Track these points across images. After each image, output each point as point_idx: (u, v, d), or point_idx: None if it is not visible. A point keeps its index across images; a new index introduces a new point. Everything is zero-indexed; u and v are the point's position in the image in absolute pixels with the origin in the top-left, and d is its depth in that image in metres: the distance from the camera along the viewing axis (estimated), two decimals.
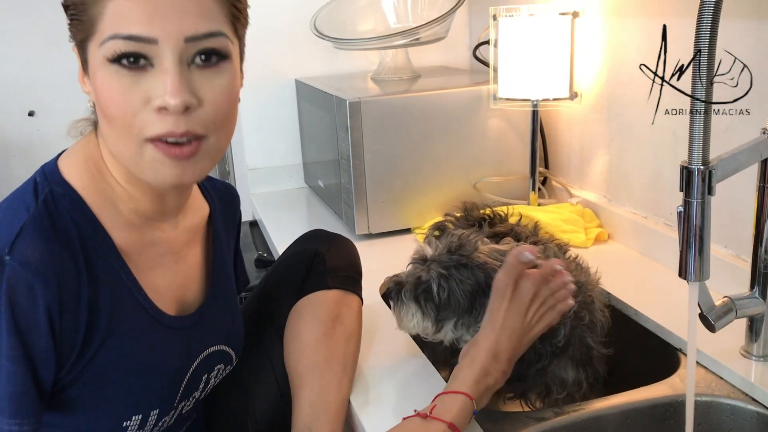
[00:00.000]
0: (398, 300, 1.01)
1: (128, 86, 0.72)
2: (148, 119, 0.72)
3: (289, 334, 1.03)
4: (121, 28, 0.70)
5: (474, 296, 0.97)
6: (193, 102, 0.73)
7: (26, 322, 0.70)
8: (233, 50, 0.77)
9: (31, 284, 0.70)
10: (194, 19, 0.72)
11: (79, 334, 0.75)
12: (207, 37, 0.73)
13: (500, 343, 0.89)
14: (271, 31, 1.95)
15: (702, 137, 0.78)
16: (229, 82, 0.76)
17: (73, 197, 0.78)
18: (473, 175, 1.65)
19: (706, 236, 0.82)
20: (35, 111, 3.33)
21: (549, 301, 0.92)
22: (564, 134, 1.68)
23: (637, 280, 1.30)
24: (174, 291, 0.88)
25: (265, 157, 2.06)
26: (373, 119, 1.54)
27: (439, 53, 2.10)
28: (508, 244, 1.03)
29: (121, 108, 0.72)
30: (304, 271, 1.06)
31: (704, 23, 0.74)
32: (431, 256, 1.00)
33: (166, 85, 0.71)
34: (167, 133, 0.72)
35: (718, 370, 1.00)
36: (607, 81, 1.49)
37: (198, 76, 0.74)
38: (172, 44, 0.71)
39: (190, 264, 0.91)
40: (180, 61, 0.72)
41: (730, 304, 0.94)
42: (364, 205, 1.58)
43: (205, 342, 0.92)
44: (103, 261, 0.78)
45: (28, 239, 0.72)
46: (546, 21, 1.48)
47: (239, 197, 1.07)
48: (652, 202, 1.40)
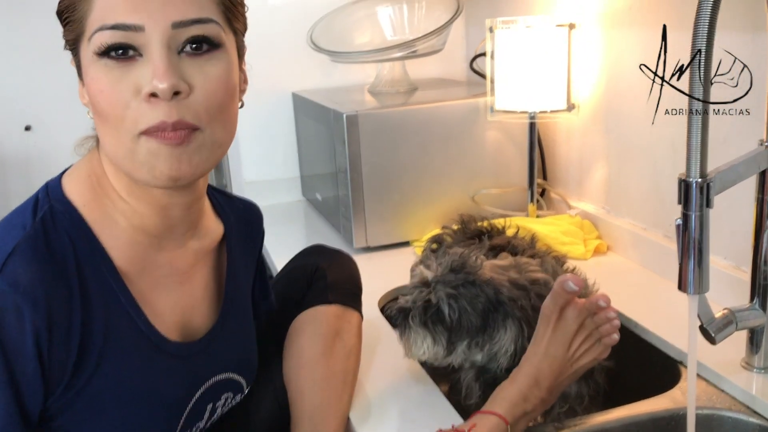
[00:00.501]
0: (405, 327, 0.98)
1: (118, 78, 0.70)
2: (139, 111, 0.70)
3: (288, 350, 1.02)
4: (107, 19, 0.69)
5: (486, 313, 0.95)
6: (183, 86, 0.70)
7: (13, 345, 0.68)
8: (226, 40, 0.75)
9: (19, 306, 0.68)
10: (181, 5, 0.70)
11: (70, 360, 0.72)
12: (195, 23, 0.71)
13: (542, 369, 0.88)
14: (268, 45, 1.96)
15: (699, 149, 0.78)
16: (223, 71, 0.74)
17: (73, 215, 0.76)
18: (471, 187, 1.65)
19: (705, 249, 0.82)
20: (32, 125, 3.33)
21: (594, 334, 0.89)
22: (562, 146, 1.69)
23: (636, 292, 1.30)
24: (178, 314, 0.84)
25: (262, 171, 2.06)
26: (370, 132, 1.54)
27: (436, 65, 2.10)
28: (506, 259, 1.03)
29: (111, 100, 0.71)
30: (304, 286, 1.06)
31: (702, 23, 0.74)
32: (433, 278, 0.98)
33: (154, 70, 0.69)
34: (160, 123, 0.70)
35: (719, 383, 1.00)
36: (605, 92, 1.49)
37: (188, 64, 0.72)
38: (160, 30, 0.69)
39: (196, 286, 0.88)
40: (168, 47, 0.70)
41: (730, 316, 0.94)
42: (362, 218, 1.58)
43: (212, 370, 0.88)
44: (100, 282, 0.75)
45: (20, 259, 0.70)
46: (543, 33, 1.48)
47: (262, 216, 1.03)
48: (652, 213, 1.40)
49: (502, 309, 0.95)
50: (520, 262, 1.02)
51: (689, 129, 0.77)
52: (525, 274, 1.00)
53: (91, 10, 0.71)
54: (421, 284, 0.99)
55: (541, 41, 1.48)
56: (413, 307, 0.98)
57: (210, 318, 0.89)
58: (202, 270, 0.89)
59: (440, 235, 1.31)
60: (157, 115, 0.70)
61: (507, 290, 0.96)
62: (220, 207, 0.95)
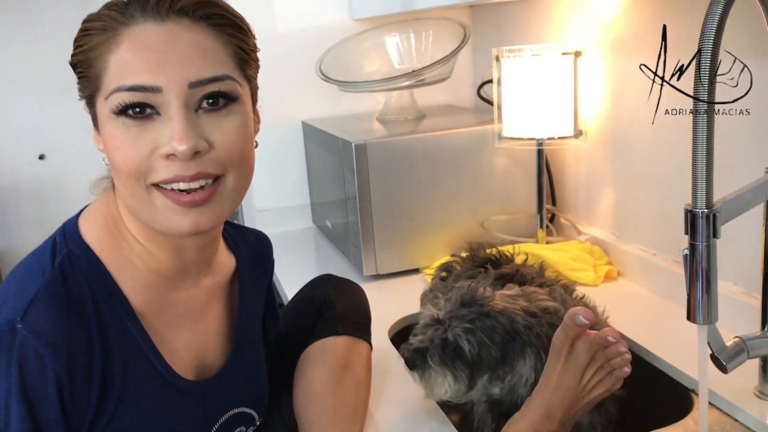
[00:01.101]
0: (425, 368, 0.96)
1: (135, 136, 0.71)
2: (155, 165, 0.71)
3: (298, 381, 1.02)
4: (125, 80, 0.70)
5: (504, 344, 0.94)
6: (203, 145, 0.72)
7: (35, 392, 0.69)
8: (242, 92, 0.76)
9: (41, 354, 0.69)
10: (197, 65, 0.71)
11: (91, 404, 0.73)
12: (212, 81, 0.72)
13: (553, 402, 0.87)
14: (278, 75, 1.98)
15: (705, 179, 0.79)
16: (240, 123, 0.75)
17: (91, 259, 0.77)
18: (480, 213, 1.65)
19: (713, 279, 0.82)
20: (45, 154, 3.37)
21: (606, 367, 0.89)
22: (570, 171, 1.69)
23: (647, 319, 1.29)
24: (193, 352, 0.85)
25: (273, 199, 2.07)
26: (379, 161, 1.55)
27: (443, 92, 2.12)
28: (512, 289, 1.03)
29: (127, 158, 0.71)
30: (313, 317, 1.06)
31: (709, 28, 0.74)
32: (445, 315, 0.97)
33: (172, 131, 0.70)
34: (175, 177, 0.71)
35: (733, 412, 0.99)
36: (612, 118, 1.49)
37: (206, 121, 0.73)
38: (177, 91, 0.70)
39: (210, 323, 0.89)
40: (186, 107, 0.71)
41: (741, 344, 0.93)
42: (372, 245, 1.59)
43: (226, 406, 0.89)
44: (119, 326, 0.76)
45: (41, 308, 0.71)
46: (549, 61, 1.49)
47: (272, 246, 1.04)
48: (661, 239, 1.40)
49: (519, 338, 0.95)
50: (527, 292, 1.02)
51: (694, 162, 0.77)
52: (535, 303, 1.00)
53: (107, 69, 0.72)
54: (432, 322, 0.98)
55: (548, 69, 1.50)
56: (431, 347, 0.95)
57: (223, 353, 0.90)
58: (215, 306, 0.90)
59: (449, 263, 1.31)
60: (171, 169, 0.71)
61: (521, 318, 0.96)
62: (232, 240, 0.96)
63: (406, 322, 1.38)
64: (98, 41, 0.72)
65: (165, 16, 0.72)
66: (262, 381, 0.97)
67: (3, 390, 0.69)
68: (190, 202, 0.72)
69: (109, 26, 0.72)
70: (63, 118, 3.21)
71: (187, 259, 0.83)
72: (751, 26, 1.04)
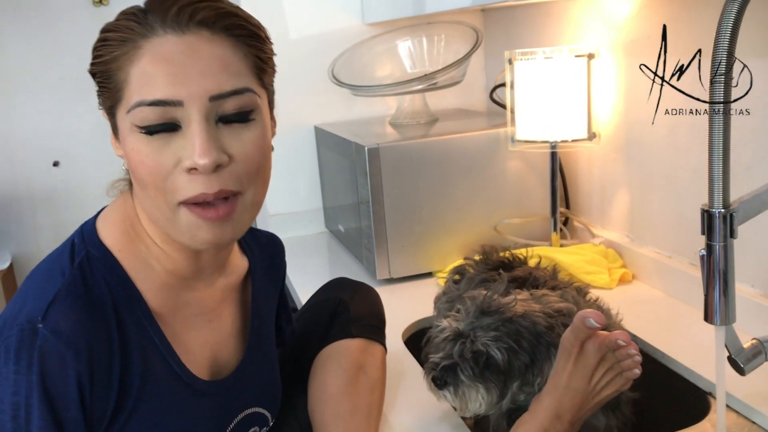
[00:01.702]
0: (458, 384, 0.94)
1: (158, 150, 0.72)
2: (179, 182, 0.72)
3: (312, 384, 1.02)
4: (147, 94, 0.71)
5: (532, 348, 0.93)
6: (224, 159, 0.72)
7: (57, 390, 0.70)
8: (261, 102, 0.77)
9: (62, 354, 0.70)
10: (218, 78, 0.72)
11: (110, 403, 0.74)
12: (232, 94, 0.73)
13: (563, 403, 0.87)
14: (290, 80, 1.99)
15: (722, 179, 0.78)
16: (259, 134, 0.76)
17: (109, 260, 0.78)
18: (494, 217, 1.65)
19: (730, 279, 0.81)
20: (60, 161, 3.40)
21: (615, 368, 0.88)
22: (584, 174, 1.68)
23: (663, 322, 1.28)
24: (208, 352, 0.86)
25: (286, 203, 2.08)
26: (392, 164, 1.55)
27: (456, 96, 2.12)
28: (521, 294, 1.02)
29: (153, 172, 0.72)
30: (327, 320, 1.06)
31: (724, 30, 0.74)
32: (466, 326, 0.95)
33: (194, 145, 0.71)
34: (200, 196, 0.72)
35: (750, 415, 0.98)
36: (625, 121, 1.49)
37: (226, 133, 0.73)
38: (198, 104, 0.71)
39: (224, 323, 0.89)
40: (207, 120, 0.72)
41: (759, 346, 0.92)
42: (385, 249, 1.59)
43: (240, 406, 0.90)
44: (137, 326, 0.77)
45: (61, 307, 0.72)
46: (562, 63, 1.49)
47: (284, 248, 1.05)
48: (676, 241, 1.39)
49: (543, 340, 0.94)
50: (537, 295, 1.01)
51: (710, 163, 0.77)
52: (548, 305, 0.99)
53: (128, 81, 0.72)
54: (454, 336, 0.95)
55: (561, 71, 1.49)
56: (460, 361, 0.94)
57: (237, 353, 0.91)
58: (229, 306, 0.90)
59: (462, 267, 1.31)
60: (196, 187, 0.72)
61: (543, 320, 0.95)
62: (245, 242, 0.96)
63: (420, 325, 1.38)
64: (119, 53, 0.72)
65: (185, 27, 0.72)
66: (275, 381, 0.98)
67: (24, 387, 0.69)
68: (215, 218, 0.74)
69: (130, 38, 0.72)
70: (77, 125, 3.23)
71: (204, 262, 0.84)
72: (751, 26, 1.04)
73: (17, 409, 0.69)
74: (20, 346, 0.70)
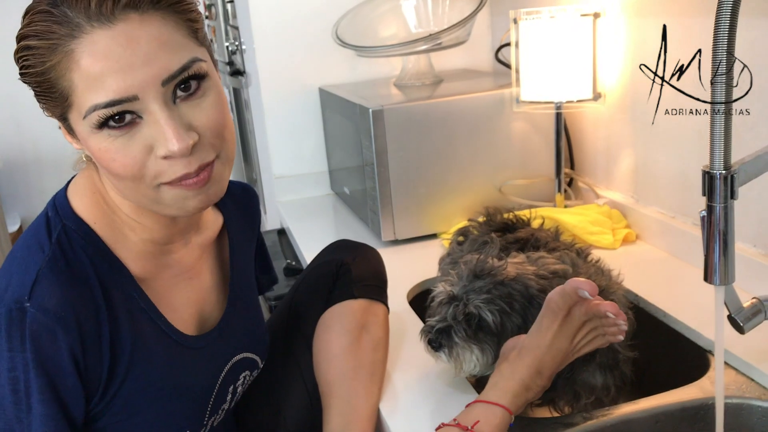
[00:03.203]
0: (452, 345, 0.96)
1: (125, 145, 0.71)
2: (159, 168, 0.72)
3: (317, 345, 1.04)
4: (98, 98, 0.69)
5: (524, 310, 0.95)
6: (194, 137, 0.72)
7: (52, 364, 0.72)
8: (207, 65, 0.76)
9: (52, 330, 0.72)
10: (162, 59, 0.70)
11: (105, 368, 0.77)
12: (181, 71, 0.72)
13: (545, 361, 0.88)
14: (293, 41, 1.97)
15: (723, 140, 0.78)
16: (215, 97, 0.76)
17: (87, 232, 0.79)
18: (498, 178, 1.65)
19: (730, 240, 0.81)
20: None
21: (599, 329, 0.90)
22: (589, 135, 1.68)
23: (665, 281, 1.29)
24: (192, 308, 0.89)
25: (291, 166, 2.08)
26: (397, 126, 1.55)
27: (461, 56, 2.10)
28: (517, 257, 1.03)
29: (127, 166, 0.72)
30: (330, 282, 1.08)
31: (722, 22, 0.74)
32: (459, 290, 0.97)
33: (164, 134, 0.70)
34: (183, 176, 0.73)
35: (749, 372, 1.00)
36: (631, 81, 1.48)
37: (188, 108, 0.73)
38: (152, 93, 0.70)
39: (204, 278, 0.92)
40: (166, 105, 0.71)
41: (758, 305, 0.93)
42: (390, 211, 1.59)
43: (229, 354, 0.93)
44: (122, 293, 0.79)
45: (46, 285, 0.73)
46: (567, 23, 1.48)
47: (257, 196, 1.07)
48: (680, 201, 1.39)
49: (535, 302, 0.95)
50: (533, 258, 1.02)
51: (712, 126, 0.77)
52: (543, 267, 1.00)
53: (73, 88, 0.70)
54: (449, 299, 0.98)
55: (566, 31, 1.48)
56: (454, 324, 0.96)
57: (220, 305, 0.94)
58: (207, 262, 0.93)
59: (466, 228, 1.32)
60: (177, 170, 0.73)
61: (535, 282, 0.97)
62: None
63: (424, 286, 1.39)
64: (51, 63, 0.69)
65: (112, 17, 0.68)
66: (260, 326, 1.01)
67: (20, 364, 0.72)
68: (197, 183, 0.74)
69: (57, 43, 0.68)
70: None
71: (179, 226, 0.86)
72: (752, 26, 1.02)
73: (16, 383, 0.72)
74: (10, 326, 0.72)
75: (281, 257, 1.80)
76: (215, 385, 0.90)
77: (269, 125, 2.03)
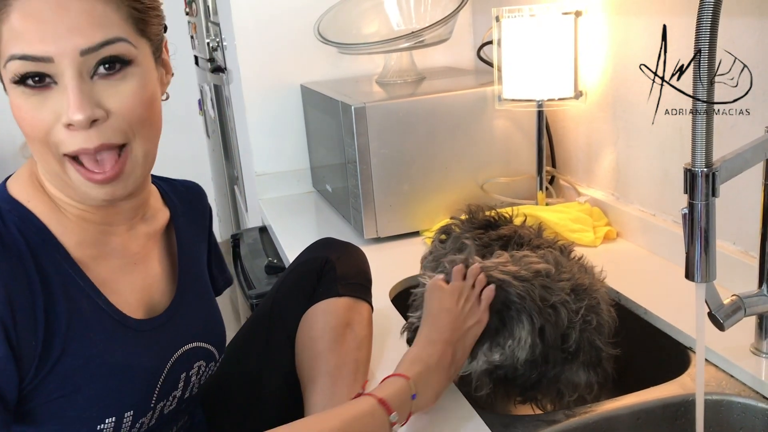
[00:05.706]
0: None
1: (36, 106, 0.73)
2: (61, 137, 0.74)
3: (300, 342, 1.04)
4: (16, 49, 0.71)
5: (501, 313, 0.96)
6: (99, 114, 0.73)
7: None
8: (138, 54, 0.76)
9: None
10: (87, 31, 0.72)
11: (39, 341, 0.76)
12: (103, 45, 0.73)
13: (434, 325, 0.94)
14: (275, 38, 1.96)
15: (705, 139, 0.79)
16: (137, 86, 0.76)
17: (21, 211, 0.80)
18: (480, 176, 1.66)
19: (711, 237, 0.82)
20: None
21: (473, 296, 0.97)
22: (570, 133, 1.69)
23: (646, 279, 1.30)
24: (138, 293, 0.89)
25: (272, 163, 2.07)
26: (379, 124, 1.55)
27: (443, 54, 2.10)
28: (501, 256, 1.03)
29: (33, 126, 0.74)
30: (314, 279, 1.07)
31: (704, 23, 0.75)
32: None
33: (69, 101, 0.72)
34: (80, 150, 0.74)
35: (729, 368, 1.01)
36: (612, 79, 1.49)
37: (102, 87, 0.74)
38: (68, 60, 0.71)
39: (152, 267, 0.92)
40: (80, 75, 0.72)
41: (738, 302, 0.94)
42: (372, 208, 1.59)
43: (179, 340, 0.92)
44: (57, 268, 0.79)
45: None
46: (549, 21, 1.48)
47: (205, 193, 1.07)
48: (660, 199, 1.40)
49: (514, 306, 0.96)
50: (517, 257, 1.03)
51: (693, 125, 0.78)
52: (526, 266, 1.00)
53: (2, 37, 0.73)
54: None
55: (548, 29, 1.48)
56: None
57: (169, 293, 0.94)
58: (154, 251, 0.93)
59: (449, 226, 1.32)
60: (76, 141, 0.74)
61: (514, 289, 0.97)
62: (165, 193, 0.99)
63: (406, 284, 1.39)
64: None
65: None
66: (214, 319, 1.01)
67: None
68: (102, 180, 0.76)
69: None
70: None
71: (116, 209, 0.86)
72: (751, 26, 1.03)
73: None
74: None
75: (262, 255, 1.79)
76: (163, 370, 0.89)
77: (251, 122, 2.02)
